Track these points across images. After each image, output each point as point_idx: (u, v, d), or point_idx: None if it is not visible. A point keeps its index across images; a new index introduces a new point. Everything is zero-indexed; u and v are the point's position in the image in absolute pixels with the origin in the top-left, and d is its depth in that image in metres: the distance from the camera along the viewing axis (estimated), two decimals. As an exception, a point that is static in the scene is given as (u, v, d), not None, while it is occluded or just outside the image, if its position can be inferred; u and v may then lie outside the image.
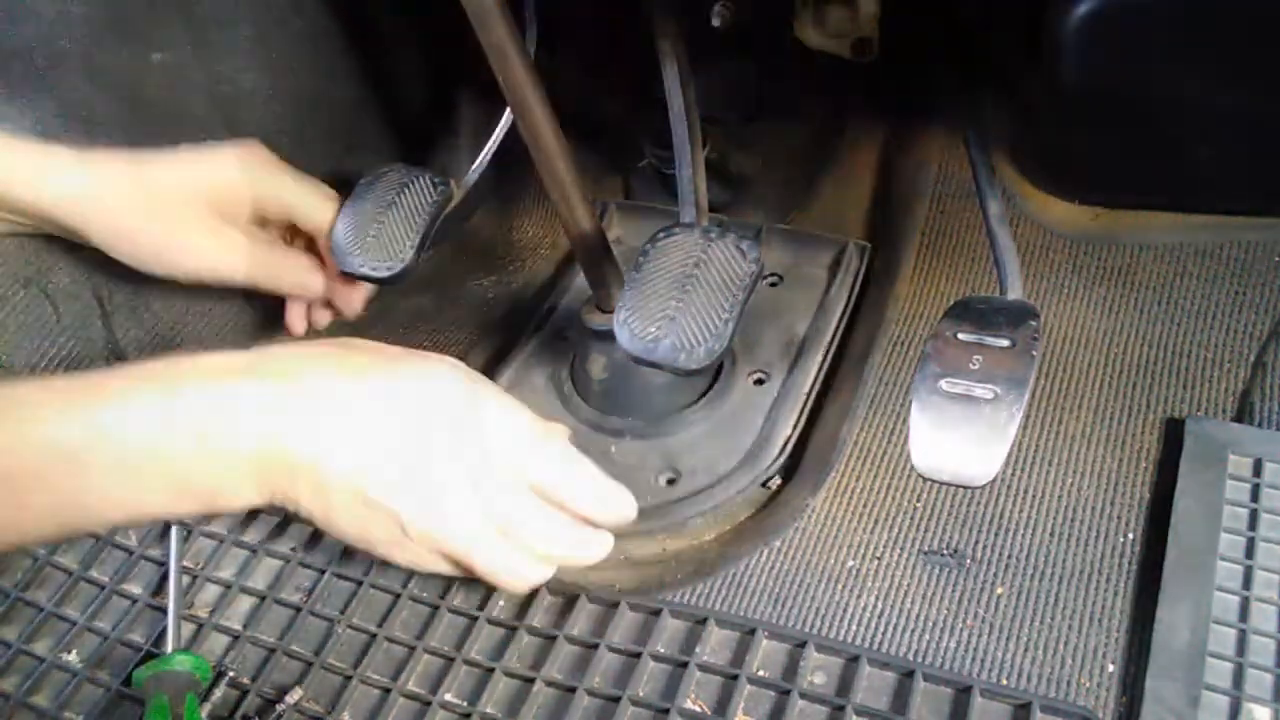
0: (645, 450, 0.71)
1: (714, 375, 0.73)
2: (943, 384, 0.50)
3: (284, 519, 0.69)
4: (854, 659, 0.56)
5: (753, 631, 0.58)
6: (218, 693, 0.61)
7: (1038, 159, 0.54)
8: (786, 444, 0.69)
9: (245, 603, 0.65)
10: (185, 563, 0.67)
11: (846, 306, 0.63)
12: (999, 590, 0.59)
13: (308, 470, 0.52)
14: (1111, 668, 0.55)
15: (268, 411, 0.51)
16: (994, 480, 0.52)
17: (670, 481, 0.69)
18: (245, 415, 0.50)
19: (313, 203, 0.72)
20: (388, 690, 0.59)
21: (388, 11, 0.86)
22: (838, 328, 0.65)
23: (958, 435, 0.48)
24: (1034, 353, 0.50)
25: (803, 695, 0.55)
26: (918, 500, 0.64)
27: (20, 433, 0.46)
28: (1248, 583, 0.57)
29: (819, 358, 0.73)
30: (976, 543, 0.61)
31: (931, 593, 0.60)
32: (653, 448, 0.71)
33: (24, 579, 0.67)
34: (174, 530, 0.67)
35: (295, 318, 0.79)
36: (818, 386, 0.73)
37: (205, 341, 0.77)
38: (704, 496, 0.67)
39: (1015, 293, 0.54)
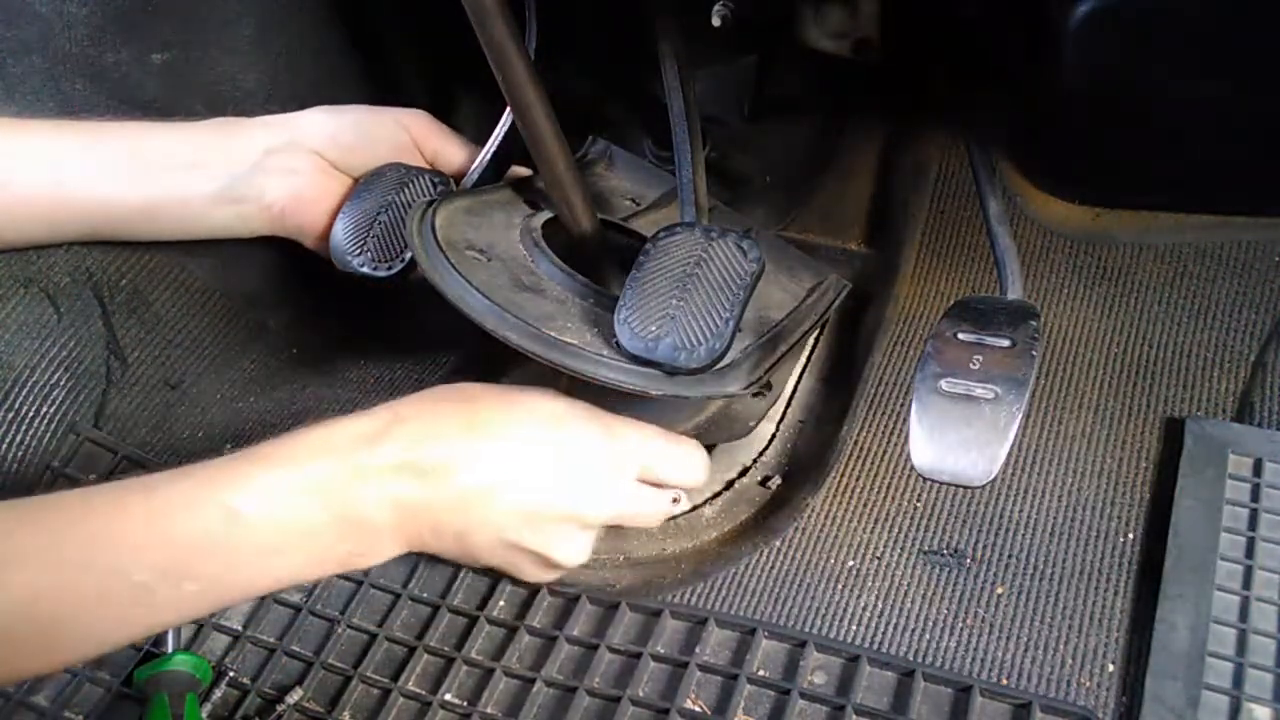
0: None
1: None
2: (943, 384, 0.50)
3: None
4: (854, 659, 0.56)
5: (753, 631, 0.58)
6: (218, 693, 0.61)
7: (1038, 159, 0.54)
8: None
9: (245, 602, 0.65)
10: (185, 563, 0.67)
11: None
12: (999, 590, 0.59)
13: (449, 524, 0.53)
14: (1111, 668, 0.55)
15: (403, 476, 0.51)
16: (994, 480, 0.52)
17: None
18: (380, 486, 0.51)
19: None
20: (388, 690, 0.59)
21: (388, 11, 0.86)
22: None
23: (958, 435, 0.48)
24: (1034, 353, 0.50)
25: (803, 695, 0.55)
26: (918, 500, 0.64)
27: (162, 528, 0.46)
28: (1248, 583, 0.57)
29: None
30: (976, 542, 0.61)
31: (931, 593, 0.60)
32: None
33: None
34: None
35: None
36: (817, 388, 0.73)
37: (204, 341, 0.77)
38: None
39: (1015, 293, 0.54)
